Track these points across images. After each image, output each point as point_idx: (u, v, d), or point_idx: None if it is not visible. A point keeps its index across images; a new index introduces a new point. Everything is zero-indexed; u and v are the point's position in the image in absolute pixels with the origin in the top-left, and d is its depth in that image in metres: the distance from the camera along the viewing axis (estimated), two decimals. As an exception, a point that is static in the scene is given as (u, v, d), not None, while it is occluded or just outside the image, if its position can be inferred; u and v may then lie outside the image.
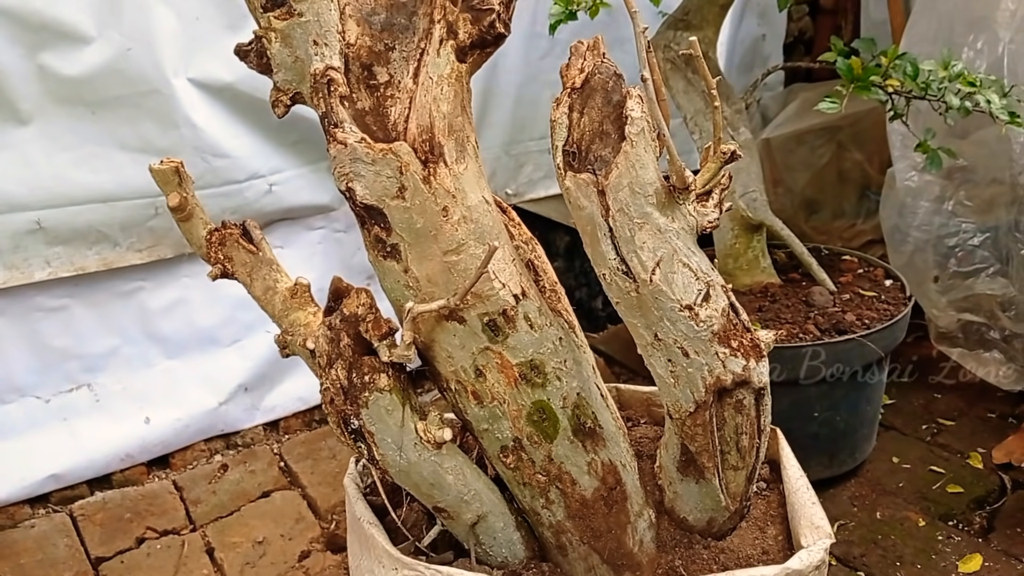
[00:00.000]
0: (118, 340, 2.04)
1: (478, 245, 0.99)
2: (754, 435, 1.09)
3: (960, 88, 1.80)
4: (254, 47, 1.01)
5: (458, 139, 0.99)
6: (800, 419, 1.97)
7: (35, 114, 1.80)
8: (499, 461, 1.10)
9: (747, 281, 2.18)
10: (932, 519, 1.98)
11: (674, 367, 1.03)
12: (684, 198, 0.99)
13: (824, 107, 1.77)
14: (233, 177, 2.06)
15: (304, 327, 1.08)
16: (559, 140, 1.00)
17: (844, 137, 2.88)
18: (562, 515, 1.12)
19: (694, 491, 1.14)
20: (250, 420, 2.24)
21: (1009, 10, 2.14)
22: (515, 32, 2.07)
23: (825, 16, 3.19)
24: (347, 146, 0.94)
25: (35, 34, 1.75)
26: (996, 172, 2.22)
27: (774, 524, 1.21)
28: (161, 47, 1.89)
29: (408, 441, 1.02)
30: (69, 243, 1.90)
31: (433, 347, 1.04)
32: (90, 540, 1.92)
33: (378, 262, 1.02)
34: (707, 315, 1.00)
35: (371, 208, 0.97)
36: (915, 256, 2.35)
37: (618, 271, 0.99)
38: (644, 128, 0.95)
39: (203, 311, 2.12)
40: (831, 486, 2.09)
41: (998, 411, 2.36)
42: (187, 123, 1.95)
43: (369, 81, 0.97)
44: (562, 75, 1.02)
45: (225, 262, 1.12)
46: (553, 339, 1.06)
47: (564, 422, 1.07)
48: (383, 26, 0.98)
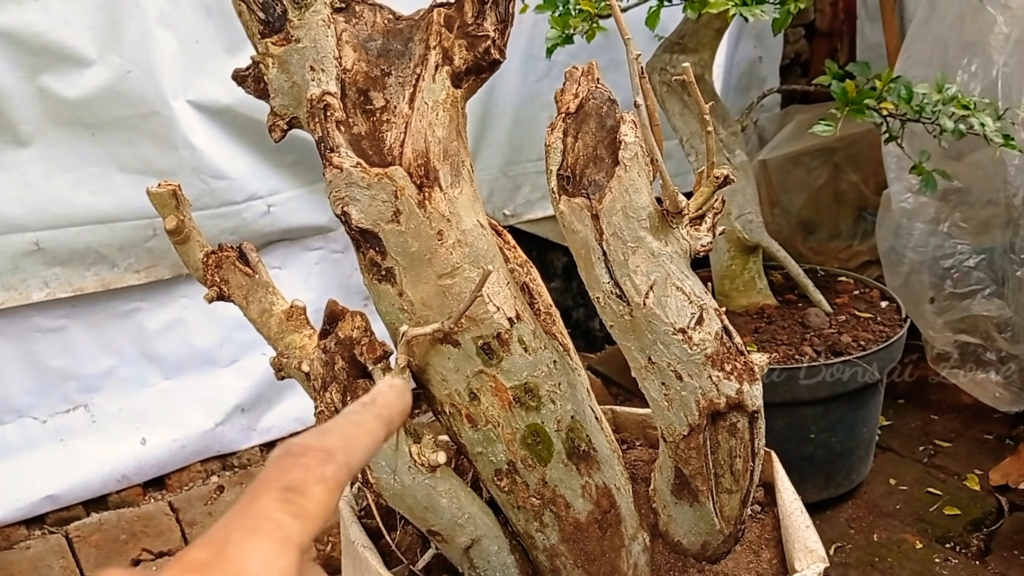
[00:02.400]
0: (115, 360, 2.05)
1: (473, 269, 1.00)
2: (748, 458, 1.09)
3: (954, 111, 1.82)
4: (251, 72, 1.02)
5: (453, 163, 1.00)
6: (796, 441, 1.97)
7: (35, 136, 1.81)
8: (493, 484, 1.10)
9: (743, 302, 2.18)
10: (929, 541, 1.98)
11: (668, 390, 1.03)
12: (677, 222, 0.99)
13: (819, 130, 1.79)
14: (231, 198, 2.06)
15: (299, 350, 1.08)
16: (553, 164, 1.00)
17: (840, 158, 2.89)
18: (556, 539, 1.12)
19: (688, 514, 1.14)
20: (247, 441, 2.24)
21: (1003, 34, 2.16)
22: (513, 54, 2.08)
23: (821, 38, 3.21)
24: (343, 170, 0.95)
25: (36, 57, 1.76)
26: (991, 194, 2.23)
27: (768, 548, 1.21)
28: (161, 70, 1.90)
29: (402, 464, 1.03)
30: (67, 264, 1.91)
31: (427, 370, 1.05)
32: (85, 562, 1.91)
33: (373, 285, 1.03)
34: (700, 338, 1.00)
35: (366, 232, 0.97)
36: (911, 277, 2.36)
37: (612, 294, 1.00)
38: (638, 153, 0.96)
39: (200, 332, 2.12)
40: (828, 508, 2.09)
41: (995, 432, 2.36)
42: (186, 145, 1.96)
43: (365, 106, 0.98)
44: (557, 100, 1.03)
45: (221, 285, 1.12)
46: (547, 362, 1.06)
47: (558, 445, 1.07)
48: (379, 52, 0.99)
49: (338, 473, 0.36)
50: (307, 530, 0.34)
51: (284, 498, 0.34)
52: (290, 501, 0.34)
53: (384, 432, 0.41)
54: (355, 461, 0.38)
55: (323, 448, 0.37)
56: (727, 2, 1.63)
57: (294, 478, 0.35)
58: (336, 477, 0.36)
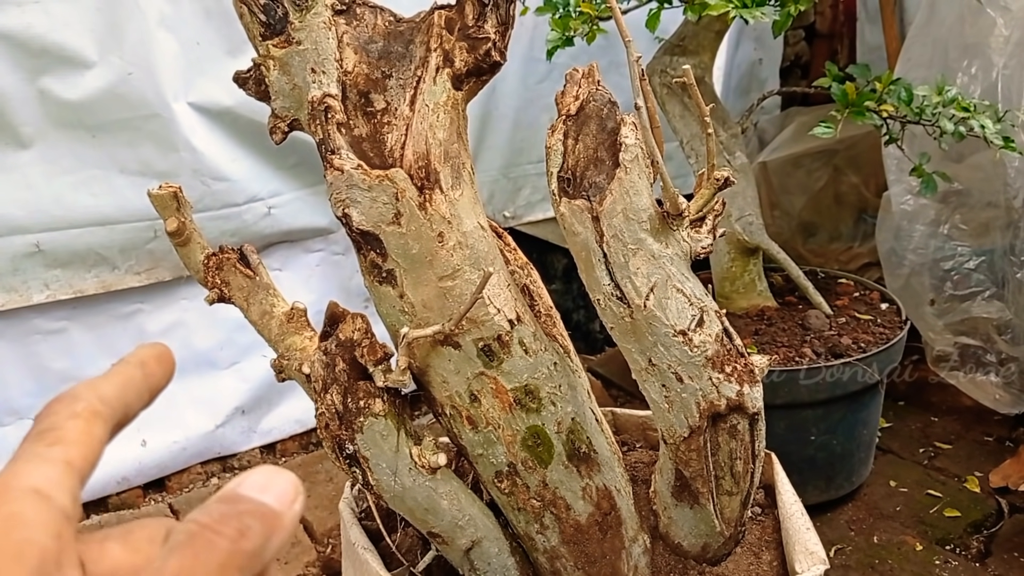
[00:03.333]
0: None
1: (473, 271, 1.00)
2: (748, 460, 1.09)
3: (954, 113, 1.82)
4: (253, 74, 1.02)
5: (454, 165, 1.00)
6: (797, 443, 1.97)
7: (36, 138, 1.82)
8: (494, 486, 1.10)
9: (744, 304, 2.18)
10: (929, 543, 1.98)
11: (668, 392, 1.03)
12: (678, 224, 1.00)
13: (819, 132, 1.79)
14: (232, 200, 2.07)
15: (300, 352, 1.08)
16: (554, 166, 1.00)
17: (840, 160, 2.90)
18: (556, 540, 1.12)
19: (689, 516, 1.14)
20: (247, 443, 2.24)
21: (1003, 36, 2.16)
22: (514, 56, 2.08)
23: (821, 40, 3.21)
24: (344, 172, 0.95)
25: (36, 59, 1.77)
26: (991, 196, 2.23)
27: (769, 550, 1.21)
28: (162, 72, 1.91)
29: (403, 466, 1.03)
30: (68, 266, 1.91)
31: (428, 372, 1.05)
32: (85, 563, 1.91)
33: (374, 287, 1.03)
34: (701, 340, 1.01)
35: (367, 234, 0.97)
36: (911, 279, 2.36)
37: (612, 296, 1.00)
38: (638, 155, 0.96)
39: (201, 334, 2.13)
40: (828, 510, 2.09)
41: (995, 434, 2.36)
42: (187, 147, 1.97)
43: (366, 108, 0.98)
44: (557, 102, 1.03)
45: (222, 287, 1.12)
46: (548, 364, 1.06)
47: (559, 447, 1.07)
48: (380, 54, 0.99)
49: (90, 405, 0.38)
50: (70, 453, 0.36)
51: (39, 437, 0.37)
52: (43, 436, 0.37)
53: (138, 372, 0.42)
54: (107, 394, 0.40)
55: (68, 395, 0.39)
56: (727, 4, 1.63)
57: (46, 423, 0.37)
58: (89, 408, 0.38)
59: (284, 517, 0.34)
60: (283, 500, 0.34)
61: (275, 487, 0.35)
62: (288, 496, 0.35)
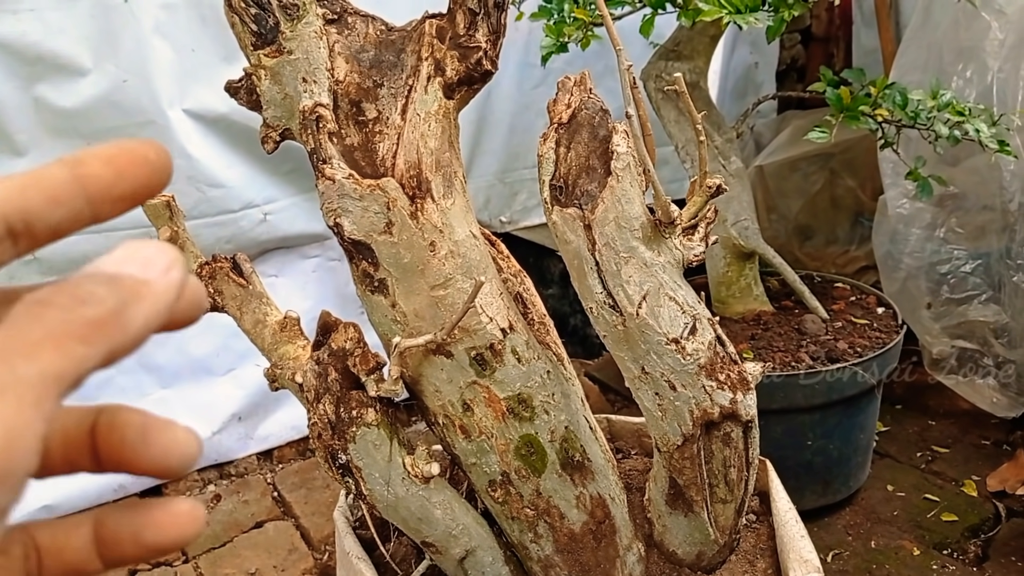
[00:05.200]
0: (112, 370, 2.03)
1: (465, 279, 1.00)
2: (742, 468, 1.09)
3: (949, 117, 1.82)
4: (244, 84, 1.02)
5: (445, 174, 1.00)
6: (794, 448, 1.97)
7: (31, 146, 1.81)
8: (487, 495, 1.10)
9: (740, 309, 2.18)
10: (927, 548, 1.97)
11: (661, 400, 1.03)
12: (670, 232, 0.99)
13: (813, 136, 1.79)
14: (228, 207, 2.07)
15: (293, 360, 1.08)
16: (546, 175, 1.00)
17: (837, 164, 2.90)
18: (551, 549, 1.12)
19: (683, 524, 1.14)
20: (243, 449, 2.24)
21: (998, 39, 2.16)
22: (508, 62, 2.08)
23: (817, 44, 3.22)
24: (335, 182, 0.95)
25: (31, 66, 1.77)
26: (987, 199, 2.23)
27: (763, 557, 1.21)
28: (157, 79, 1.90)
29: (396, 476, 1.02)
30: (64, 273, 1.90)
31: (421, 381, 1.05)
32: (81, 571, 1.91)
33: (366, 296, 1.02)
34: (694, 348, 1.00)
35: (359, 243, 0.97)
36: (908, 283, 2.36)
37: (605, 305, 1.00)
38: (630, 163, 0.96)
39: (197, 341, 2.12)
40: (825, 515, 2.08)
41: (992, 438, 2.35)
42: (182, 154, 1.96)
43: (358, 117, 0.98)
44: (549, 110, 1.03)
45: (215, 295, 1.12)
46: (541, 372, 1.06)
47: (552, 456, 1.07)
48: (372, 63, 0.99)
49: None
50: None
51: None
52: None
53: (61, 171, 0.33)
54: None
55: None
56: (721, 10, 1.63)
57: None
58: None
59: (153, 283, 0.30)
60: (150, 267, 0.30)
61: (139, 257, 0.30)
62: (157, 263, 0.30)
